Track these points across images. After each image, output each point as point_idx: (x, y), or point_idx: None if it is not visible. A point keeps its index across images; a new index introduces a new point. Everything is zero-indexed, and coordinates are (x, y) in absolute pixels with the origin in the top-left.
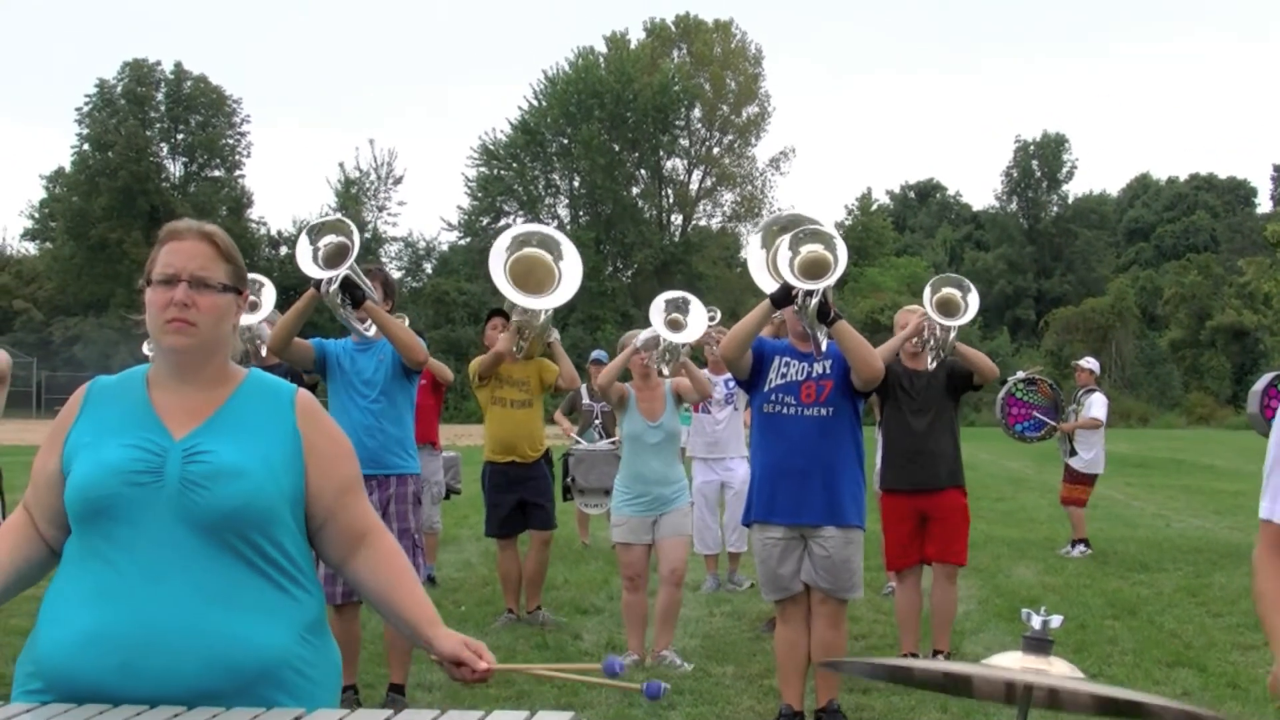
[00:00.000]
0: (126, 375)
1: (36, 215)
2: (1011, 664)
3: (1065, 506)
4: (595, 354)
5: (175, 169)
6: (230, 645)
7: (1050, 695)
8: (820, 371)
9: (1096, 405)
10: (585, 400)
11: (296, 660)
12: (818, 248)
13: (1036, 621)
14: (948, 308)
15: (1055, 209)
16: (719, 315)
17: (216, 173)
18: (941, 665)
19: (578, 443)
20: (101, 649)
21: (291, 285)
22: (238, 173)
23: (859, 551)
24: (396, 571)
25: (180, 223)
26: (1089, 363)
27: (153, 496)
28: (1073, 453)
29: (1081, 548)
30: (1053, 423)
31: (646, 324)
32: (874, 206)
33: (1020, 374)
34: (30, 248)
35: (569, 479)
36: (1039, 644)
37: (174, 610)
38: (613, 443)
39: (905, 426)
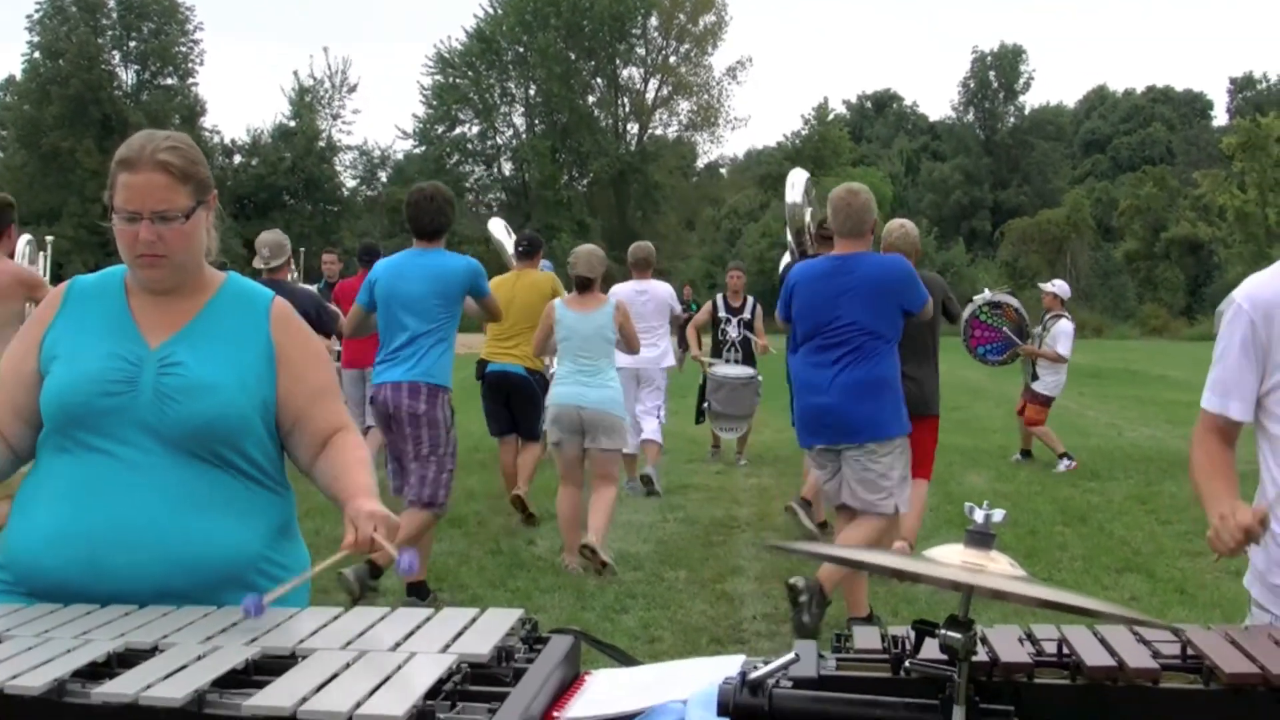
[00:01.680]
0: (105, 276)
1: None
2: (953, 557)
3: (1028, 427)
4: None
5: (128, 77)
6: (198, 546)
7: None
8: None
9: (1062, 337)
10: None
11: (264, 563)
12: None
13: (979, 516)
14: None
15: (1012, 120)
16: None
17: (169, 81)
18: (892, 560)
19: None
20: (69, 546)
21: (245, 194)
22: (190, 81)
23: None
24: (347, 459)
25: (134, 147)
26: (1055, 286)
27: (126, 405)
28: (1035, 376)
29: (1067, 462)
30: (1018, 341)
31: (605, 234)
32: (830, 116)
33: (987, 294)
34: None
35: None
36: (981, 538)
37: (143, 511)
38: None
39: None
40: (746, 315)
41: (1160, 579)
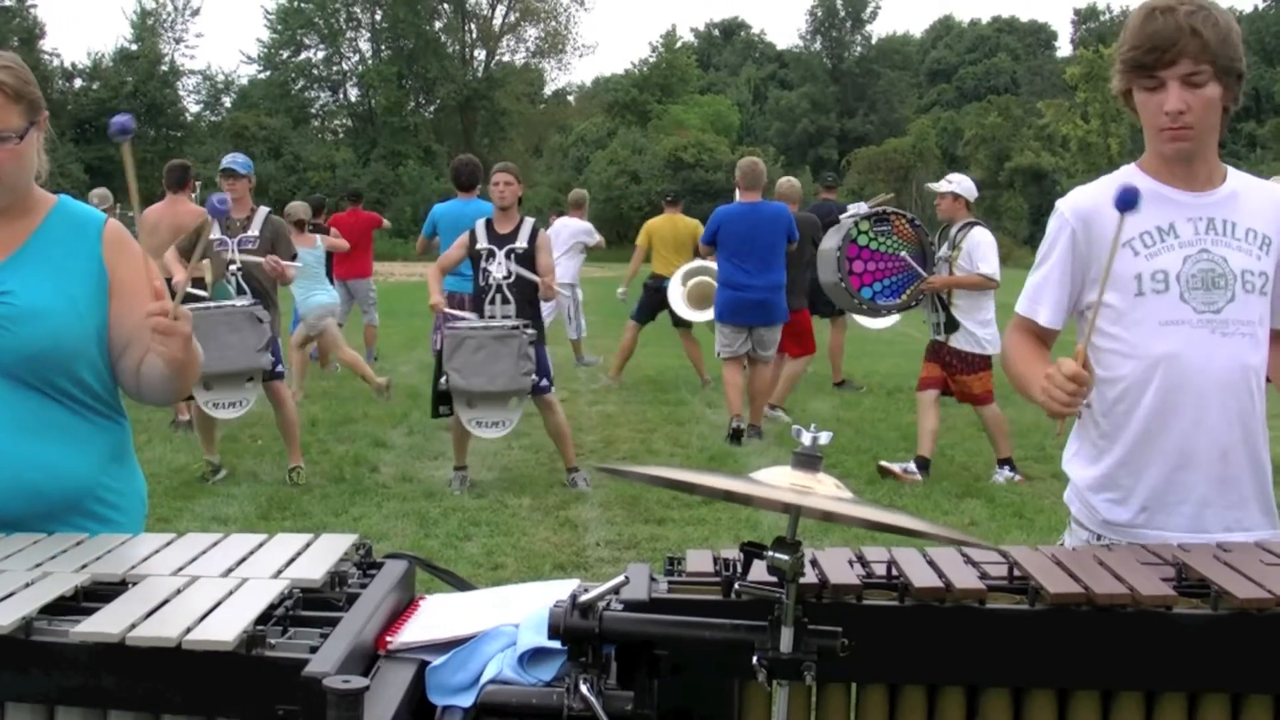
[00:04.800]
0: None
1: None
2: (782, 479)
3: (976, 406)
4: (228, 160)
5: None
6: (33, 473)
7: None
8: None
9: (983, 251)
10: (217, 234)
11: (101, 489)
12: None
13: (806, 438)
14: None
15: (859, 49)
16: None
17: (7, 2)
18: (722, 482)
19: (201, 298)
20: None
21: (86, 118)
22: (29, 2)
23: None
24: None
25: None
26: (955, 184)
27: None
28: (951, 324)
29: (1008, 471)
30: (922, 271)
31: (449, 161)
32: (678, 44)
33: (862, 206)
34: None
35: None
36: (808, 460)
37: None
38: (254, 301)
39: None
40: (520, 244)
41: (999, 504)
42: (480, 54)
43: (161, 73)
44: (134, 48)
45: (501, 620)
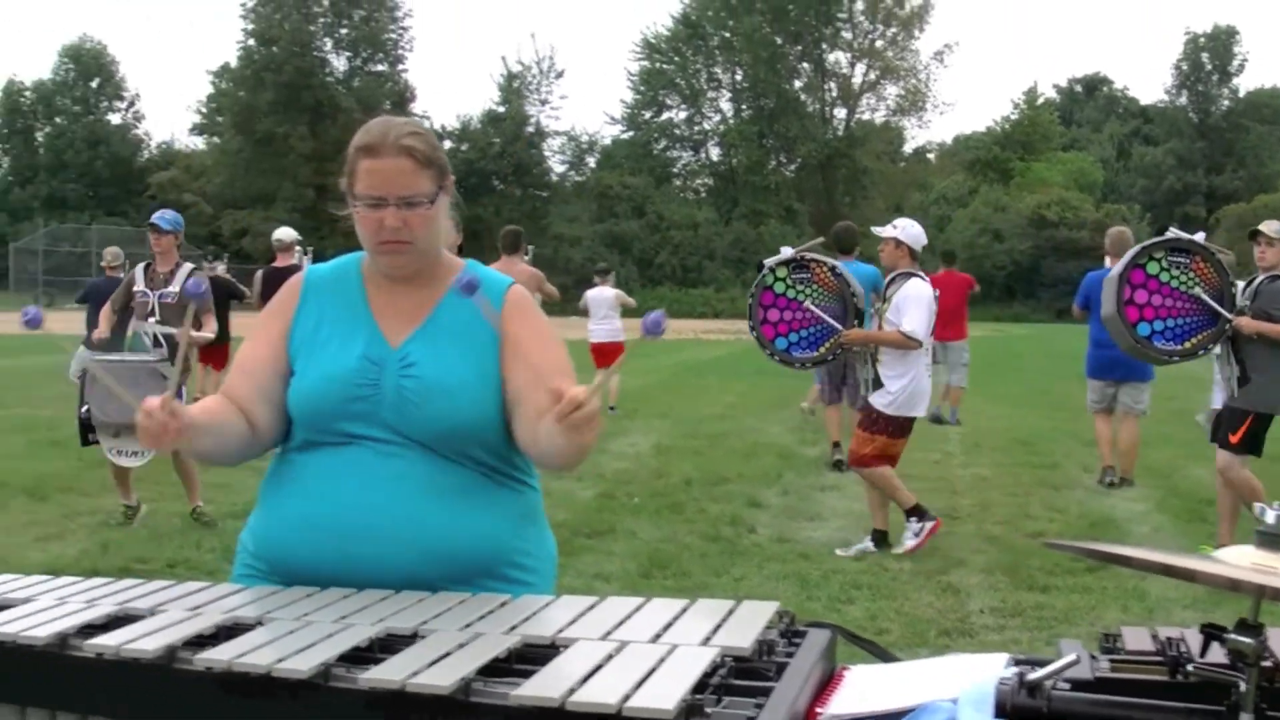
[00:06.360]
0: (340, 266)
1: (204, 110)
2: (1243, 558)
3: (853, 465)
4: (155, 216)
5: (339, 63)
6: (447, 537)
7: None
8: None
9: (909, 305)
10: (141, 285)
11: (513, 553)
12: None
13: (1271, 516)
14: None
15: (1226, 103)
16: None
17: (380, 67)
18: (1161, 557)
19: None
20: (316, 535)
21: (456, 179)
22: (400, 67)
23: None
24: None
25: (375, 133)
26: (899, 229)
27: (371, 406)
28: (877, 382)
29: (868, 544)
30: (839, 326)
31: (812, 219)
32: (1040, 100)
33: (786, 252)
34: (198, 142)
35: (83, 409)
36: (1273, 539)
37: (389, 501)
38: (163, 357)
39: None
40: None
41: None
42: (840, 112)
43: (527, 134)
44: (501, 110)
45: (936, 694)
